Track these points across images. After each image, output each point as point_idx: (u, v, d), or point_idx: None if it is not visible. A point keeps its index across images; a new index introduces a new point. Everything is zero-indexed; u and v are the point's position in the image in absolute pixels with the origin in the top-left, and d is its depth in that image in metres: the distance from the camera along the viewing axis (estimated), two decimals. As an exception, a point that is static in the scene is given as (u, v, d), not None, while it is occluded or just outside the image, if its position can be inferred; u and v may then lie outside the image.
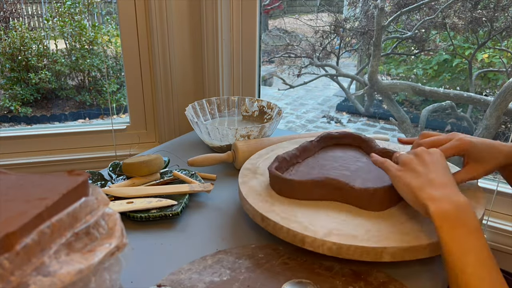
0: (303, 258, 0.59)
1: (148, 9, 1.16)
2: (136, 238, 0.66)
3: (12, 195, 0.40)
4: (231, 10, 1.16)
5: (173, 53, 1.19)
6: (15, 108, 1.91)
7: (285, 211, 0.61)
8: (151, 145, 1.30)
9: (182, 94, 1.24)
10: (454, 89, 1.96)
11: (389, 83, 1.98)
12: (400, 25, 1.94)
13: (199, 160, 0.84)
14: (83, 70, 1.95)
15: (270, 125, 0.93)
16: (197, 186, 0.75)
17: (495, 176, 1.10)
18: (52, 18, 1.89)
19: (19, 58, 1.84)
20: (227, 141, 0.91)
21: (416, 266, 0.59)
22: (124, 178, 0.80)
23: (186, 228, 0.68)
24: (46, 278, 0.34)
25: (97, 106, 2.04)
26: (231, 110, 1.09)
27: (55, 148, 1.27)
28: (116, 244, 0.41)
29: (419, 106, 2.16)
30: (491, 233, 1.03)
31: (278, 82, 2.40)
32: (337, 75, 2.21)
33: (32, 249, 0.35)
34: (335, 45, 2.29)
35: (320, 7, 2.42)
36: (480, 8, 1.70)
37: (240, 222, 0.70)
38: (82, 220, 0.41)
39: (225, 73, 1.21)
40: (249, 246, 0.62)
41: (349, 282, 0.54)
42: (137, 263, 0.59)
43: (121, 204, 0.69)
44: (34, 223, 0.36)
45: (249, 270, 0.56)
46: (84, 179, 0.43)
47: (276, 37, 2.62)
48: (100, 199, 0.44)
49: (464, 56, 1.87)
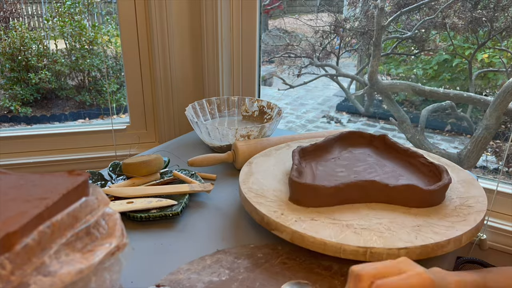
0: (302, 258, 0.59)
1: (148, 9, 1.16)
2: (136, 238, 0.66)
3: (12, 195, 0.40)
4: (231, 10, 1.16)
5: (173, 53, 1.19)
6: (15, 108, 1.90)
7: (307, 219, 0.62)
8: (151, 145, 1.30)
9: (182, 94, 1.24)
10: (454, 89, 1.96)
11: (389, 83, 1.98)
12: (400, 25, 1.94)
13: (199, 160, 0.84)
14: (83, 70, 1.95)
15: (270, 125, 0.93)
16: (197, 186, 0.75)
17: (495, 176, 1.10)
18: (52, 18, 1.89)
19: (19, 58, 1.84)
20: (227, 141, 0.91)
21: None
22: (124, 178, 0.80)
23: (186, 228, 0.68)
24: (47, 278, 0.34)
25: (97, 106, 2.04)
26: (231, 110, 1.09)
27: (55, 148, 1.27)
28: (116, 244, 0.41)
29: (419, 106, 2.16)
30: (491, 233, 1.03)
31: (278, 82, 2.40)
32: (337, 75, 2.21)
33: (33, 249, 0.35)
34: (335, 45, 2.29)
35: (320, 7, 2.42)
36: (480, 8, 1.70)
37: (240, 222, 0.70)
38: (82, 220, 0.41)
39: (225, 73, 1.21)
40: (248, 246, 0.62)
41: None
42: (137, 263, 0.59)
43: (121, 204, 0.69)
44: (34, 223, 0.36)
45: (248, 270, 0.56)
46: (85, 179, 0.43)
47: (276, 37, 2.61)
48: (100, 199, 0.44)
49: (464, 56, 1.87)
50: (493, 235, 1.03)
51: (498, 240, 1.03)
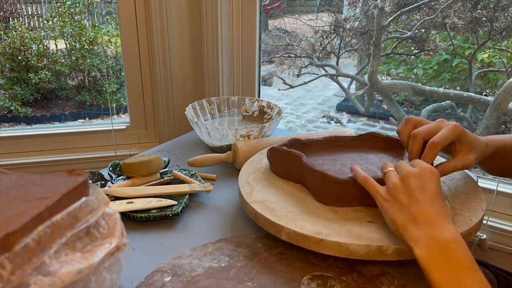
0: (300, 249, 0.60)
1: (148, 9, 1.16)
2: (136, 238, 0.66)
3: (12, 194, 0.40)
4: (231, 10, 1.16)
5: (173, 53, 1.19)
6: (15, 108, 1.90)
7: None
8: (151, 145, 1.30)
9: (182, 94, 1.24)
10: (454, 89, 1.96)
11: (389, 83, 1.98)
12: (400, 25, 1.94)
13: (199, 160, 0.84)
14: (83, 70, 1.95)
15: (270, 125, 0.93)
16: (197, 186, 0.75)
17: (495, 176, 1.10)
18: (52, 18, 1.89)
19: (19, 58, 1.84)
20: (227, 141, 0.91)
21: (416, 266, 0.59)
22: (124, 178, 0.80)
23: (186, 228, 0.68)
24: (47, 277, 0.34)
25: (97, 106, 2.04)
26: (231, 110, 1.09)
27: (55, 148, 1.27)
28: (116, 244, 0.41)
29: (419, 106, 2.16)
30: (491, 233, 1.04)
31: (278, 82, 2.40)
32: (337, 75, 2.21)
33: (33, 248, 0.35)
34: (335, 45, 2.29)
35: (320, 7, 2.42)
36: (480, 8, 1.70)
37: (240, 222, 0.70)
38: (82, 220, 0.41)
39: (225, 73, 1.21)
40: (250, 236, 0.65)
41: (343, 273, 0.56)
42: (137, 263, 0.59)
43: (121, 204, 0.69)
44: (34, 222, 0.36)
45: (247, 258, 0.59)
46: (85, 179, 0.43)
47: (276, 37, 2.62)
48: (100, 199, 0.44)
49: (464, 56, 1.87)
50: (493, 235, 1.03)
51: (498, 240, 1.03)
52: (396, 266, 0.57)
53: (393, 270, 0.57)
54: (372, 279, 0.55)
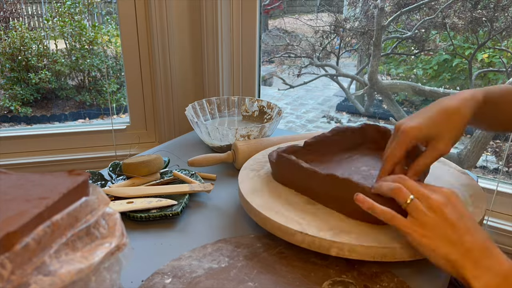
0: (299, 248, 0.60)
1: (148, 9, 1.16)
2: (136, 238, 0.66)
3: (12, 194, 0.40)
4: (231, 10, 1.16)
5: (173, 53, 1.19)
6: (15, 108, 1.91)
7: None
8: (151, 145, 1.30)
9: (182, 94, 1.24)
10: (454, 89, 1.96)
11: (389, 83, 1.98)
12: (400, 25, 1.94)
13: (199, 160, 0.84)
14: (83, 70, 1.95)
15: (270, 125, 0.93)
16: (197, 186, 0.75)
17: (495, 176, 1.10)
18: (52, 18, 1.89)
19: (19, 58, 1.84)
20: (227, 141, 0.92)
21: (416, 266, 0.59)
22: (124, 178, 0.80)
23: (186, 228, 0.68)
24: (47, 277, 0.34)
25: (97, 106, 2.04)
26: (231, 110, 1.09)
27: (55, 148, 1.27)
28: (116, 244, 0.41)
29: (419, 106, 2.17)
30: (491, 233, 1.04)
31: (278, 82, 2.40)
32: (337, 75, 2.21)
33: (33, 248, 0.35)
34: (335, 45, 2.29)
35: (320, 7, 2.42)
36: (480, 8, 1.70)
37: (240, 222, 0.70)
38: (83, 219, 0.41)
39: (225, 73, 1.21)
40: (248, 236, 0.65)
41: (343, 271, 0.56)
42: (137, 263, 0.59)
43: (121, 204, 0.69)
44: (34, 222, 0.36)
45: (247, 258, 0.59)
46: (85, 179, 0.43)
47: (276, 37, 2.62)
48: (100, 199, 0.44)
49: (464, 56, 1.87)
50: (493, 235, 1.03)
51: (498, 240, 1.03)
52: (396, 264, 0.57)
53: (393, 268, 0.57)
54: (372, 277, 0.55)
